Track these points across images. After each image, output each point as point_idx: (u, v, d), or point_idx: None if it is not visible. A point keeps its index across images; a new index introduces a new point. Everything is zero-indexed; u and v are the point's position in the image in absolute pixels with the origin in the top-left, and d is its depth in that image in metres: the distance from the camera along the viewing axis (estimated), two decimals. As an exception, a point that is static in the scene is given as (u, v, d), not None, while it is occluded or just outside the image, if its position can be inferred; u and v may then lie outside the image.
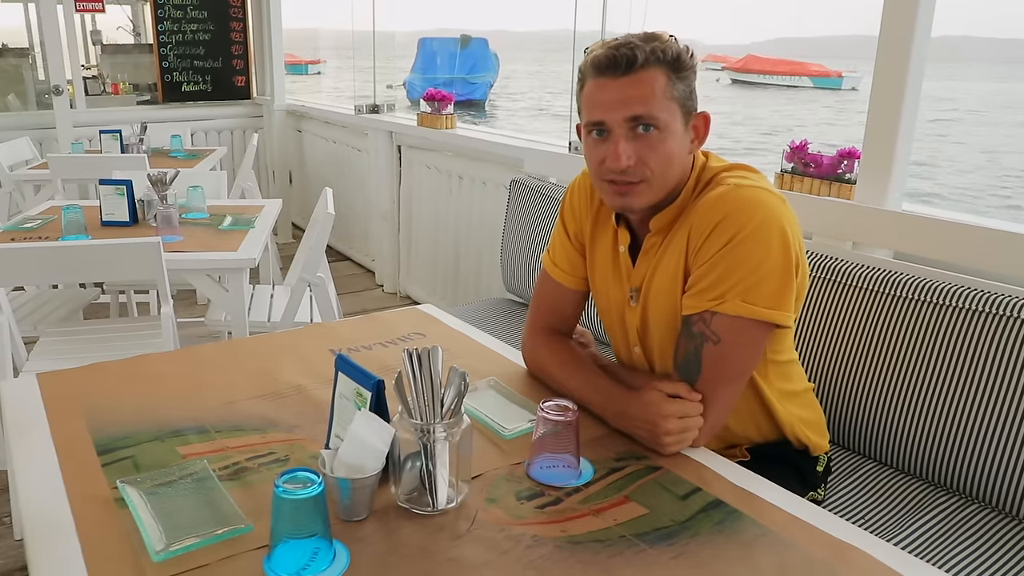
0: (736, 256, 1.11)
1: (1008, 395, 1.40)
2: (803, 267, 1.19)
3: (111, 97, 5.49)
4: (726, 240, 1.12)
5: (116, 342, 2.30)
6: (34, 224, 2.54)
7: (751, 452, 1.32)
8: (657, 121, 1.14)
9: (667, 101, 1.14)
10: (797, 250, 1.15)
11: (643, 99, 1.13)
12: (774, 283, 1.12)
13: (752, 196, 1.14)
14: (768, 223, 1.12)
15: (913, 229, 1.69)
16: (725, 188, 1.16)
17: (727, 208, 1.13)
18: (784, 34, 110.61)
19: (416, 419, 0.97)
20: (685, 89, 1.16)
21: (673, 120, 1.15)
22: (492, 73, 25.01)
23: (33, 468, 1.07)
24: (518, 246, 2.57)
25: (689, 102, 1.17)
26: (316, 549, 0.87)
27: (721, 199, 1.15)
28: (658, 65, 1.13)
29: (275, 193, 5.34)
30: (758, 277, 1.11)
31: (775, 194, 1.16)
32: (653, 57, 1.13)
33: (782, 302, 1.13)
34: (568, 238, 1.39)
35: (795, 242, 1.14)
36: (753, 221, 1.11)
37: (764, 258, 1.11)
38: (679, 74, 1.14)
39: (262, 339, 1.60)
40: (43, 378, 1.34)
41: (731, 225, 1.12)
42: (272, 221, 2.68)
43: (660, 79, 1.13)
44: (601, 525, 0.96)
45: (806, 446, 1.34)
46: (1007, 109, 24.23)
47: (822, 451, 1.37)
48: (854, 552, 0.92)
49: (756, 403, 1.28)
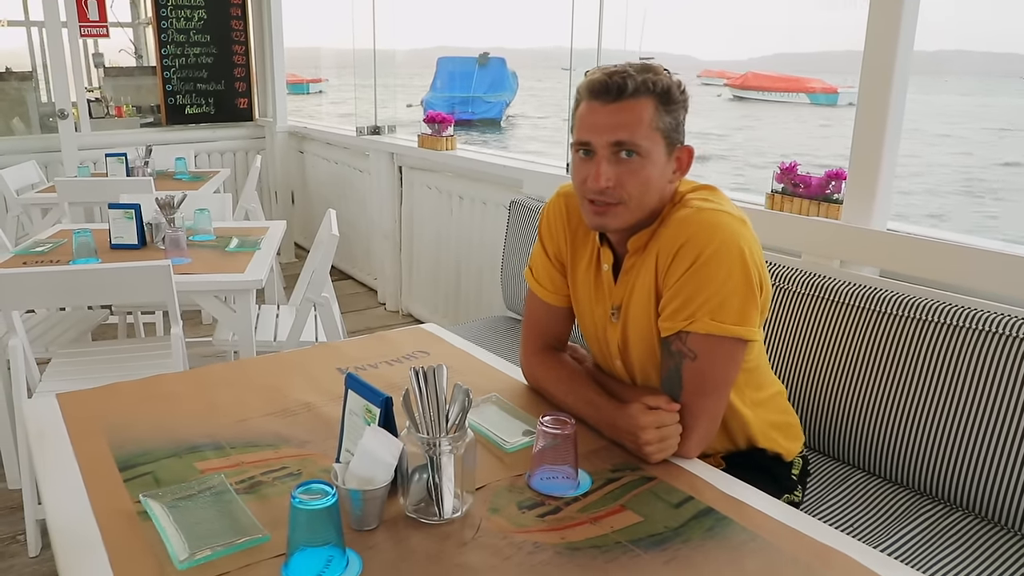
0: (700, 278, 1.18)
1: (990, 406, 1.46)
2: (765, 284, 1.25)
3: (115, 120, 5.57)
4: (690, 263, 1.18)
5: (127, 362, 2.36)
6: (45, 248, 2.60)
7: (725, 460, 1.38)
8: (639, 148, 1.20)
9: (651, 131, 1.20)
10: (758, 268, 1.21)
11: (629, 126, 1.19)
12: (738, 301, 1.18)
13: (713, 219, 1.20)
14: (727, 245, 1.18)
15: (898, 248, 1.76)
16: (688, 211, 1.22)
17: (689, 231, 1.20)
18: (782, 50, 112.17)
19: (423, 433, 1.03)
20: (671, 122, 1.22)
21: (655, 149, 1.21)
22: (510, 92, 25.12)
23: (58, 484, 1.12)
24: (518, 265, 2.63)
25: (674, 134, 1.23)
26: (330, 557, 0.92)
27: (684, 222, 1.21)
28: (647, 95, 1.20)
29: (278, 214, 5.41)
30: (722, 296, 1.18)
31: (735, 216, 1.23)
32: (644, 87, 1.19)
33: (748, 318, 1.20)
34: (548, 258, 1.45)
35: (754, 260, 1.20)
36: (713, 244, 1.18)
37: (727, 278, 1.18)
38: (667, 107, 1.21)
39: (271, 358, 1.65)
40: (63, 398, 1.40)
41: (693, 248, 1.18)
42: (277, 243, 2.75)
43: (648, 109, 1.20)
44: (599, 532, 1.02)
45: (778, 452, 1.40)
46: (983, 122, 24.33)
47: (794, 455, 1.43)
48: (837, 555, 0.98)
49: (728, 411, 1.33)
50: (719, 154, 17.97)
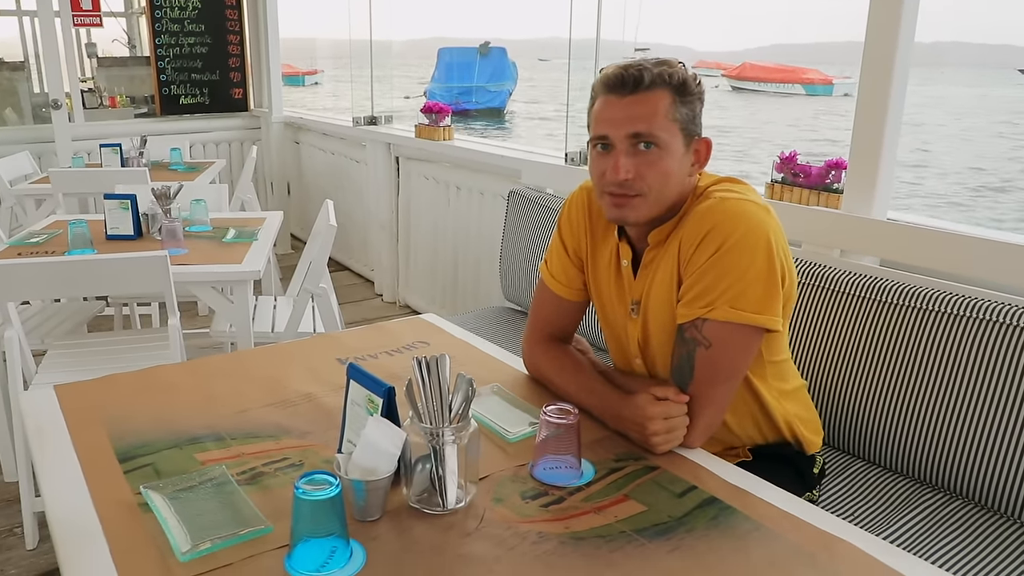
0: (724, 265, 1.17)
1: (989, 394, 1.46)
2: (790, 274, 1.24)
3: (109, 110, 5.53)
4: (714, 250, 1.18)
5: (123, 354, 2.34)
6: (40, 239, 2.58)
7: (752, 452, 1.38)
8: (657, 140, 1.20)
9: (669, 122, 1.20)
10: (782, 258, 1.21)
11: (646, 118, 1.19)
12: (760, 289, 1.18)
13: (737, 208, 1.20)
14: (753, 233, 1.18)
15: (898, 237, 1.76)
16: (712, 201, 1.22)
17: (714, 220, 1.19)
18: (779, 40, 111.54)
19: (426, 423, 1.02)
20: (688, 113, 1.22)
21: (673, 141, 1.21)
22: (511, 82, 25.11)
23: (58, 476, 1.11)
24: (517, 256, 2.63)
25: (691, 126, 1.23)
26: (334, 548, 0.92)
27: (709, 211, 1.21)
28: (663, 87, 1.20)
29: (274, 205, 5.39)
30: (745, 284, 1.17)
31: (760, 205, 1.22)
32: (660, 79, 1.19)
33: (769, 307, 1.19)
34: (566, 252, 1.44)
35: (779, 250, 1.20)
36: (738, 231, 1.17)
37: (750, 266, 1.17)
38: (684, 98, 1.21)
39: (270, 349, 1.65)
40: (60, 390, 1.39)
41: (718, 236, 1.18)
42: (274, 233, 2.73)
43: (664, 101, 1.19)
44: (602, 522, 1.02)
45: (802, 444, 1.39)
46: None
47: (816, 449, 1.43)
48: (840, 544, 0.98)
49: (755, 404, 1.34)
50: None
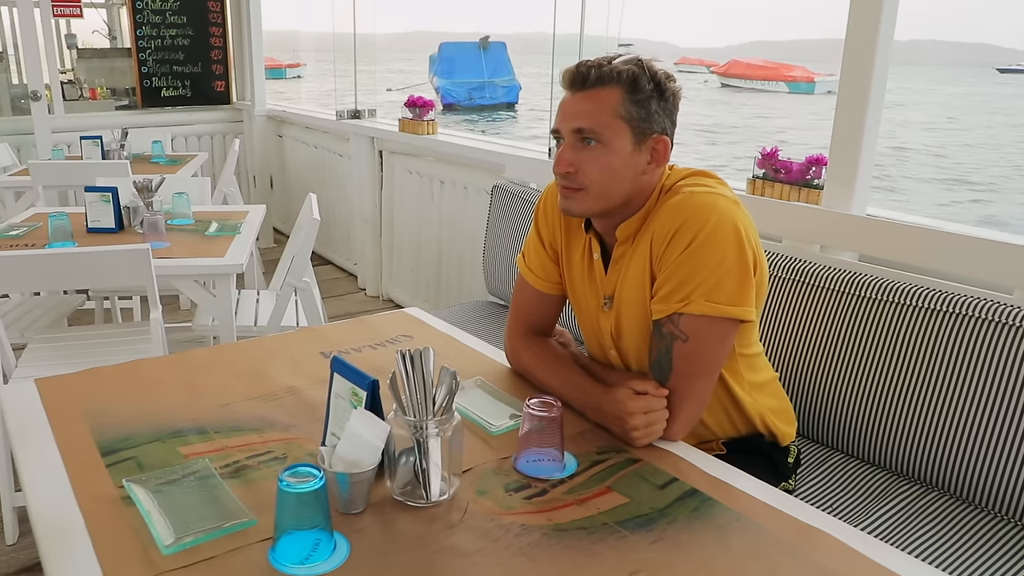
0: (696, 259, 1.19)
1: (966, 388, 1.48)
2: (761, 264, 1.26)
3: (89, 102, 5.47)
4: (685, 245, 1.19)
5: (104, 347, 2.33)
6: (19, 232, 2.56)
7: (726, 446, 1.40)
8: (599, 136, 1.21)
9: (613, 119, 1.21)
10: (754, 248, 1.22)
11: (589, 114, 1.21)
12: (733, 282, 1.19)
13: (706, 202, 1.21)
14: (723, 225, 1.19)
15: (877, 233, 1.78)
16: (681, 196, 1.23)
17: (684, 215, 1.20)
18: (760, 37, 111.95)
19: (410, 416, 1.03)
20: (639, 111, 1.22)
21: (617, 138, 1.22)
22: (511, 76, 25.17)
23: (39, 470, 1.11)
24: (500, 250, 2.63)
25: (644, 124, 1.23)
26: (318, 540, 0.92)
27: (678, 207, 1.22)
28: (613, 85, 1.21)
29: (256, 198, 5.35)
30: (718, 277, 1.19)
31: (729, 198, 1.24)
32: (608, 76, 1.21)
33: (743, 298, 1.21)
34: (543, 245, 1.45)
35: (750, 241, 1.22)
36: (708, 225, 1.19)
37: (722, 259, 1.19)
38: (634, 96, 1.21)
39: (253, 343, 1.64)
40: (42, 383, 1.38)
41: (688, 231, 1.19)
42: (257, 227, 2.72)
43: (612, 98, 1.21)
44: (585, 514, 1.03)
45: (775, 436, 1.41)
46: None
47: (790, 440, 1.45)
48: (819, 534, 0.99)
49: (727, 397, 1.36)
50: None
